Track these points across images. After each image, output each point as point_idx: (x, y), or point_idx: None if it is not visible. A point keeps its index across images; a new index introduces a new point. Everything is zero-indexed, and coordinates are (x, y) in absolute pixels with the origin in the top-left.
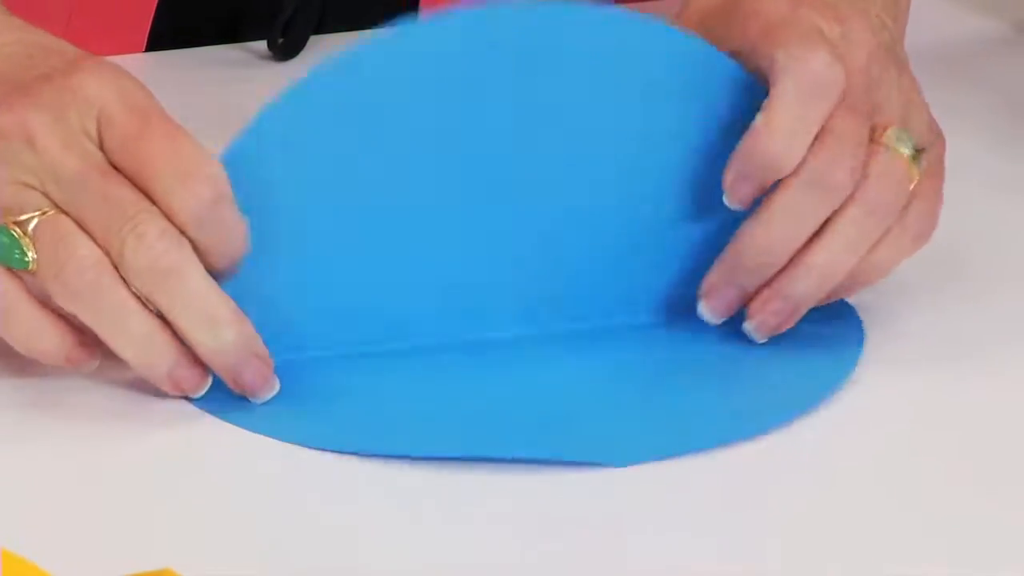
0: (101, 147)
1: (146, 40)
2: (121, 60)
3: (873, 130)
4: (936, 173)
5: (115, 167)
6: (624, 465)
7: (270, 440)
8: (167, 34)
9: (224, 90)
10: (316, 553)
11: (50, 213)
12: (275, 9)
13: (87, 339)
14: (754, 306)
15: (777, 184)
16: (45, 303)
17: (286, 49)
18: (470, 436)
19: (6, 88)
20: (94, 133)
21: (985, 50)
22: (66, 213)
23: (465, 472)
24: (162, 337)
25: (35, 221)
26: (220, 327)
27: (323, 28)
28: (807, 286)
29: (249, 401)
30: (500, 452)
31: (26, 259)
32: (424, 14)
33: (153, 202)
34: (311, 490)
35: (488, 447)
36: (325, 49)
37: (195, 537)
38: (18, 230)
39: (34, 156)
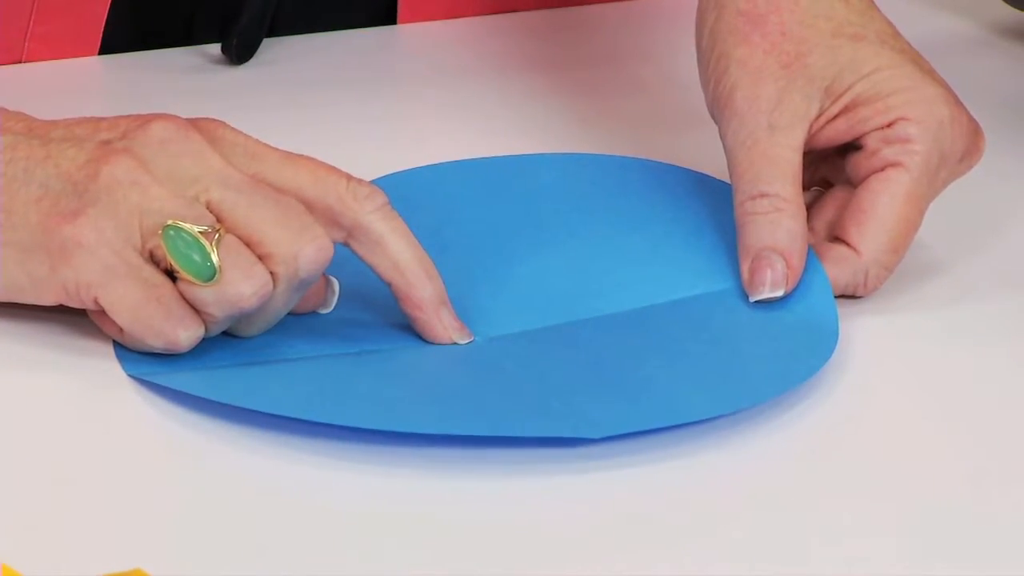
0: None
1: (99, 44)
2: (75, 64)
3: None
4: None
5: None
6: (599, 437)
7: (240, 438)
8: (120, 38)
9: (178, 93)
10: (288, 551)
11: (221, 229)
12: (228, 12)
13: None
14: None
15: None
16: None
17: (240, 52)
18: (441, 415)
19: (129, 120)
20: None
21: (957, 50)
22: (227, 222)
23: (449, 473)
24: None
25: (217, 235)
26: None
27: (275, 31)
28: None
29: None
30: (469, 430)
31: (212, 268)
32: (401, 18)
33: None
34: (282, 488)
35: (456, 426)
36: (278, 53)
37: (165, 536)
38: (205, 241)
39: (199, 166)
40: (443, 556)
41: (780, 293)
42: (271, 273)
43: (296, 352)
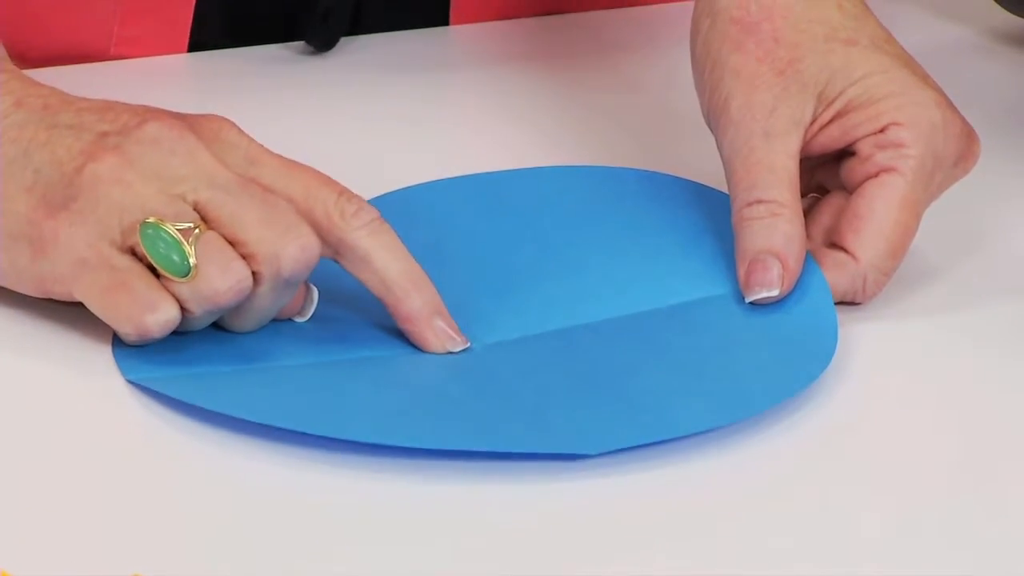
0: None
1: (187, 42)
2: (164, 61)
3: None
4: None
5: None
6: (595, 454)
7: (240, 444)
8: (208, 36)
9: (262, 90)
10: (286, 555)
11: (201, 226)
12: (310, 6)
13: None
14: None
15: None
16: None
17: (323, 41)
18: (437, 429)
19: (147, 113)
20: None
21: (955, 56)
22: (212, 221)
23: (446, 479)
24: None
25: (197, 231)
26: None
27: (356, 28)
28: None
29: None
30: (466, 445)
31: (187, 265)
32: (454, 17)
33: None
34: (280, 492)
35: (453, 440)
36: (360, 47)
37: (163, 542)
38: (182, 239)
39: (188, 165)
40: (438, 559)
41: (775, 293)
42: (254, 272)
43: (294, 358)
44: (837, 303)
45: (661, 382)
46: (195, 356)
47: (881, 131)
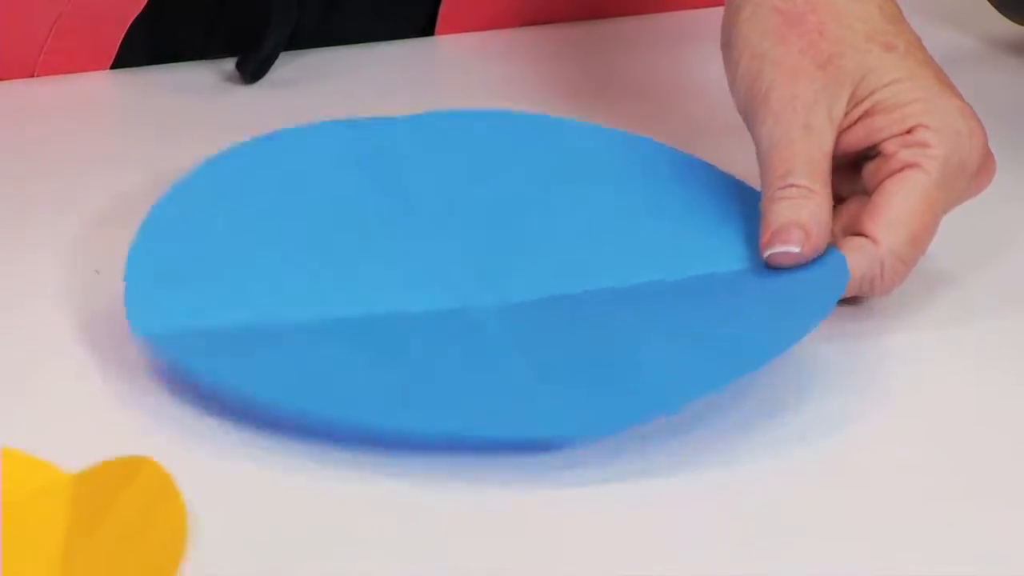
0: None
1: (113, 58)
2: (86, 78)
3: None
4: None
5: None
6: (589, 439)
7: (241, 444)
8: (135, 53)
9: (189, 109)
10: (286, 558)
11: None
12: (248, 32)
13: None
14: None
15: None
16: None
17: (255, 72)
18: (423, 413)
19: None
20: None
21: (957, 64)
22: None
23: (449, 479)
24: None
25: None
26: None
27: (338, 39)
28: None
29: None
30: (449, 429)
31: None
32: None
33: None
34: (282, 495)
35: (437, 424)
36: (290, 70)
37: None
38: None
39: None
40: (441, 560)
41: (795, 250)
42: None
43: (301, 311)
44: (855, 296)
45: (660, 349)
46: (205, 308)
47: (908, 132)
